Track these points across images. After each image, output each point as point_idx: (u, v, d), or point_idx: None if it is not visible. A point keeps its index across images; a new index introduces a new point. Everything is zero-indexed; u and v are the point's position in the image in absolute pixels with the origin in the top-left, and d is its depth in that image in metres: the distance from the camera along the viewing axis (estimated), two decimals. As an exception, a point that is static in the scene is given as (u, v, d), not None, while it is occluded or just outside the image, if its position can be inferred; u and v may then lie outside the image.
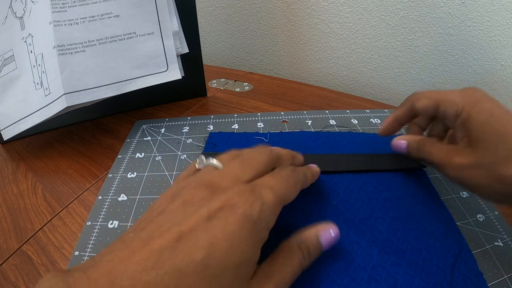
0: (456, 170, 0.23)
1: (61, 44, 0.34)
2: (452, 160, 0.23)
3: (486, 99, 0.23)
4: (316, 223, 0.22)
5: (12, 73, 0.37)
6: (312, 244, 0.20)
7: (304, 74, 0.63)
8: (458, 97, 0.24)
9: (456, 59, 0.46)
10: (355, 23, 0.52)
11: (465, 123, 0.23)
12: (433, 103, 0.25)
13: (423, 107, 0.26)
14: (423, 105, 0.26)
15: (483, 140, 0.21)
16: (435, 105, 0.25)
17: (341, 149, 0.34)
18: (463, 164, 0.22)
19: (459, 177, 0.23)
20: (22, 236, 0.28)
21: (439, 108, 0.25)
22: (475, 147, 0.22)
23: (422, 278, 0.22)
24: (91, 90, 0.35)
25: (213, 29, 0.70)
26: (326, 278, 0.22)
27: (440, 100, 0.25)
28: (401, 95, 0.54)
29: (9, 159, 0.38)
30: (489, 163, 0.21)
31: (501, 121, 0.21)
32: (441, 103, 0.25)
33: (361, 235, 0.25)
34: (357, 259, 0.23)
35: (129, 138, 0.39)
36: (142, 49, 0.37)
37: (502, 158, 0.20)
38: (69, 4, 0.35)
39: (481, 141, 0.22)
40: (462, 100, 0.23)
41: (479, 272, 0.22)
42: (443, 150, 0.24)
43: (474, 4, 0.42)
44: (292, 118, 0.42)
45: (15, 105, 0.36)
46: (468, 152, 0.22)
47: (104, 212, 0.29)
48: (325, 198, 0.28)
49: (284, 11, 0.58)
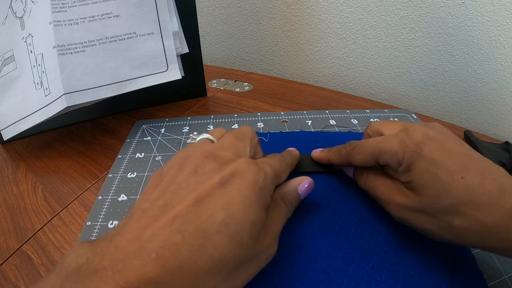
0: (398, 210, 0.22)
1: (61, 44, 0.34)
2: (394, 198, 0.22)
3: (428, 142, 0.21)
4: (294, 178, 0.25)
5: (12, 73, 0.37)
6: (293, 197, 0.23)
7: (304, 74, 0.63)
8: (396, 145, 0.22)
9: (456, 59, 0.46)
10: (355, 23, 0.52)
11: (407, 171, 0.21)
12: (371, 158, 0.24)
13: (361, 163, 0.25)
14: (361, 162, 0.25)
15: (426, 189, 0.20)
16: (374, 159, 0.23)
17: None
18: (406, 206, 0.21)
19: (403, 218, 0.22)
20: (22, 236, 0.28)
21: (379, 161, 0.23)
22: (419, 194, 0.20)
23: (422, 278, 0.22)
24: (91, 90, 0.35)
25: (213, 29, 0.70)
26: (326, 278, 0.22)
27: (378, 153, 0.23)
28: (401, 95, 0.54)
29: (9, 159, 0.38)
30: (434, 212, 0.20)
31: (445, 168, 0.19)
32: (380, 156, 0.23)
33: (361, 235, 0.25)
34: (357, 259, 0.23)
35: (129, 138, 0.39)
36: (142, 49, 0.37)
37: (448, 207, 0.19)
38: (69, 4, 0.35)
39: (424, 189, 0.20)
40: (401, 148, 0.21)
41: (479, 272, 0.22)
42: (386, 185, 0.23)
43: (474, 4, 0.42)
44: (292, 118, 0.42)
45: (15, 105, 0.36)
46: (411, 195, 0.21)
47: (104, 212, 0.29)
48: (325, 198, 0.28)
49: (284, 11, 0.58)
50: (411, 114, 0.43)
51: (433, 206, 0.20)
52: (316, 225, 0.26)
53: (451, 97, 0.49)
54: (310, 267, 0.23)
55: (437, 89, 0.50)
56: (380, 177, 0.24)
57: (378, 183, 0.24)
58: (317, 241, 0.24)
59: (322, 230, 0.25)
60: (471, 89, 0.47)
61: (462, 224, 0.18)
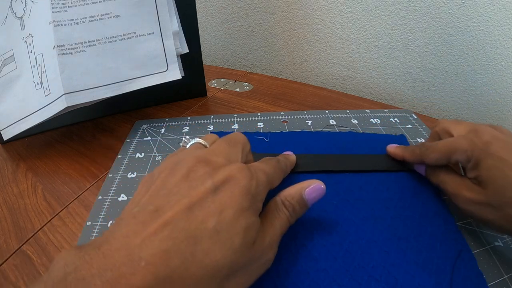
0: (465, 203, 0.24)
1: (61, 44, 0.34)
2: (462, 193, 0.24)
3: (495, 141, 0.24)
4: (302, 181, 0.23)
5: (12, 73, 0.37)
6: (297, 202, 0.22)
7: (304, 74, 0.63)
8: (466, 144, 0.24)
9: (456, 59, 0.46)
10: (355, 23, 0.52)
11: (475, 168, 0.23)
12: (443, 156, 0.26)
13: (434, 162, 0.27)
14: (433, 160, 0.27)
15: (492, 183, 0.22)
16: (446, 158, 0.26)
17: (342, 149, 0.34)
18: (472, 199, 0.23)
19: (469, 210, 0.24)
20: (22, 236, 0.28)
21: (451, 159, 0.25)
22: (485, 188, 0.22)
23: (422, 277, 0.22)
24: (91, 90, 0.35)
25: (213, 29, 0.70)
26: (326, 277, 0.22)
27: (450, 152, 0.25)
28: (401, 95, 0.54)
29: (9, 159, 0.38)
30: (498, 204, 0.22)
31: (509, 164, 0.22)
32: (451, 155, 0.25)
33: (361, 234, 0.25)
34: (357, 258, 0.23)
35: (129, 138, 0.39)
36: (142, 49, 0.37)
37: (510, 200, 0.21)
38: (69, 4, 0.35)
39: (490, 183, 0.22)
40: (471, 146, 0.24)
41: (479, 272, 0.22)
42: (456, 181, 0.25)
43: (474, 4, 0.42)
44: (292, 118, 0.42)
45: (15, 105, 0.36)
46: (478, 189, 0.23)
47: (104, 212, 0.29)
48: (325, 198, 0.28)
49: (284, 11, 0.58)
50: (411, 114, 0.43)
51: (497, 199, 0.22)
52: (317, 224, 0.26)
53: (451, 97, 0.49)
54: (310, 266, 0.23)
55: (437, 89, 0.50)
56: (450, 174, 0.26)
57: (449, 179, 0.26)
58: (318, 241, 0.24)
59: (322, 229, 0.25)
60: (471, 89, 0.47)
61: None
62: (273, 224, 0.20)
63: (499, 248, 0.24)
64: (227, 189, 0.18)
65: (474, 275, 0.22)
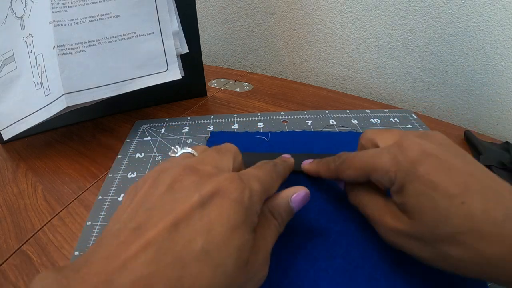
0: (388, 233, 0.20)
1: (61, 44, 0.34)
2: (385, 220, 0.20)
3: (424, 159, 0.18)
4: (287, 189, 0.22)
5: (12, 73, 0.37)
6: (285, 210, 0.21)
7: (304, 74, 0.63)
8: (388, 162, 0.19)
9: (456, 59, 0.46)
10: (355, 23, 0.52)
11: (399, 192, 0.19)
12: (361, 175, 0.21)
13: (351, 179, 0.23)
14: (350, 178, 0.22)
15: (421, 214, 0.18)
16: (364, 176, 0.21)
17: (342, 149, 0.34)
18: (397, 230, 0.19)
19: (394, 242, 0.20)
20: (22, 236, 0.28)
21: (370, 178, 0.21)
22: (412, 218, 0.18)
23: (422, 277, 0.22)
24: (91, 90, 0.35)
25: (213, 29, 0.70)
26: (326, 277, 0.22)
27: (368, 170, 0.21)
28: (401, 95, 0.54)
29: (9, 159, 0.38)
30: (429, 239, 0.17)
31: (443, 190, 0.17)
32: (370, 173, 0.21)
33: (361, 234, 0.25)
34: (357, 258, 0.23)
35: (129, 138, 0.39)
36: (142, 49, 0.37)
37: (445, 236, 0.17)
38: (69, 4, 0.35)
39: (418, 214, 0.18)
40: (394, 166, 0.19)
41: (479, 272, 0.22)
42: (378, 204, 0.21)
43: (474, 4, 0.42)
44: (292, 118, 0.42)
45: (15, 105, 0.36)
46: (404, 218, 0.19)
47: (104, 212, 0.29)
48: (326, 197, 0.28)
49: (284, 11, 0.58)
50: (411, 114, 0.43)
51: (428, 233, 0.17)
52: (317, 224, 0.26)
53: (451, 97, 0.49)
54: (310, 266, 0.23)
55: (437, 89, 0.50)
56: (372, 194, 0.22)
57: (369, 200, 0.22)
58: (318, 240, 0.24)
59: (322, 229, 0.25)
60: (471, 89, 0.47)
61: (461, 254, 0.16)
62: (265, 238, 0.19)
63: (499, 248, 0.24)
64: (216, 203, 0.16)
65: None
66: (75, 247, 0.26)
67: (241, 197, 0.17)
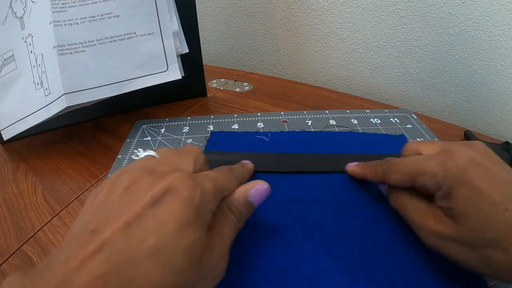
0: (432, 237, 0.20)
1: (61, 44, 0.34)
2: (429, 225, 0.20)
3: (472, 166, 0.19)
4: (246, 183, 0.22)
5: (12, 73, 0.37)
6: (244, 205, 0.21)
7: (304, 74, 0.63)
8: (437, 167, 0.20)
9: (456, 59, 0.46)
10: (355, 23, 0.52)
11: (447, 197, 0.19)
12: (408, 179, 0.22)
13: (397, 183, 0.23)
14: (397, 182, 0.23)
15: (468, 219, 0.18)
16: (411, 180, 0.22)
17: (342, 149, 0.34)
18: (441, 234, 0.19)
19: (437, 246, 0.20)
20: (22, 236, 0.28)
21: (416, 182, 0.21)
22: (459, 223, 0.19)
23: (422, 277, 0.22)
24: (91, 90, 0.35)
25: (213, 29, 0.70)
26: (326, 276, 0.22)
27: (415, 174, 0.21)
28: (401, 95, 0.54)
29: (9, 159, 0.38)
30: (473, 244, 0.18)
31: (489, 197, 0.18)
32: (417, 177, 0.21)
33: (361, 234, 0.25)
34: (357, 258, 0.23)
35: (129, 138, 0.39)
36: (142, 49, 0.37)
37: (491, 241, 0.17)
38: (69, 4, 0.35)
39: (466, 219, 0.18)
40: (442, 171, 0.20)
41: (479, 272, 0.22)
42: (421, 209, 0.21)
43: (474, 4, 0.42)
44: (292, 118, 0.42)
45: (15, 105, 0.36)
46: (449, 223, 0.19)
47: (104, 212, 0.29)
48: (326, 197, 0.28)
49: (284, 11, 0.58)
50: (411, 114, 0.43)
51: (473, 238, 0.18)
52: (317, 224, 0.26)
53: (451, 97, 0.49)
54: (310, 266, 0.23)
55: (437, 89, 0.50)
56: (414, 199, 0.22)
57: (412, 205, 0.22)
58: (318, 240, 0.24)
59: (322, 229, 0.25)
60: (471, 89, 0.47)
61: (502, 259, 0.17)
62: (222, 235, 0.19)
63: (499, 248, 0.24)
64: (167, 201, 0.16)
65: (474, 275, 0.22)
66: (75, 247, 0.26)
67: (192, 195, 0.17)
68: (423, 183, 0.21)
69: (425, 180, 0.21)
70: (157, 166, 0.19)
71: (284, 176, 0.31)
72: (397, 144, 0.35)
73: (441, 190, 0.20)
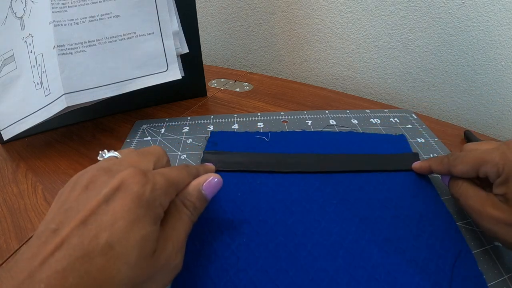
0: (490, 221, 0.22)
1: (61, 44, 0.34)
2: (487, 210, 0.22)
3: None
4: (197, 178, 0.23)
5: (12, 73, 0.37)
6: (197, 198, 0.22)
7: (304, 74, 0.63)
8: (497, 157, 0.23)
9: (456, 59, 0.46)
10: (355, 23, 0.52)
11: (505, 183, 0.22)
12: (472, 168, 0.24)
13: (462, 173, 0.25)
14: (462, 171, 0.25)
15: None
16: (475, 169, 0.24)
17: (342, 149, 0.34)
18: (498, 218, 0.21)
19: (492, 230, 0.22)
20: (22, 236, 0.28)
21: (479, 171, 0.24)
22: None
23: (422, 277, 0.22)
24: (91, 90, 0.35)
25: (213, 29, 0.70)
26: (327, 276, 0.22)
27: (480, 164, 0.24)
28: (401, 95, 0.54)
29: (9, 159, 0.38)
30: None
31: None
32: (481, 166, 0.24)
33: (361, 234, 0.25)
34: (357, 258, 0.23)
35: (129, 138, 0.39)
36: (142, 49, 0.37)
37: None
38: (69, 4, 0.35)
39: None
40: (503, 160, 0.22)
41: (479, 272, 0.22)
42: (480, 196, 0.23)
43: (474, 4, 0.42)
44: (292, 118, 0.42)
45: (15, 105, 0.36)
46: (505, 208, 0.21)
47: (104, 212, 0.29)
48: (326, 197, 0.28)
49: (284, 11, 0.58)
50: (411, 114, 0.43)
51: None
52: (317, 224, 0.26)
53: (451, 97, 0.49)
54: (310, 266, 0.23)
55: (437, 89, 0.50)
56: (474, 187, 0.24)
57: (472, 193, 0.24)
58: (318, 240, 0.24)
59: (322, 229, 0.25)
60: (471, 89, 0.47)
61: None
62: (176, 228, 0.20)
63: (499, 248, 0.24)
64: (119, 197, 0.17)
65: (474, 275, 0.22)
66: (75, 247, 0.26)
67: (142, 190, 0.18)
68: (486, 171, 0.23)
69: (488, 169, 0.23)
70: (115, 165, 0.20)
71: (284, 176, 0.31)
72: (397, 144, 0.36)
73: (500, 176, 0.22)
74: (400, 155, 0.33)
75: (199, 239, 0.25)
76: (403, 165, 0.31)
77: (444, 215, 0.27)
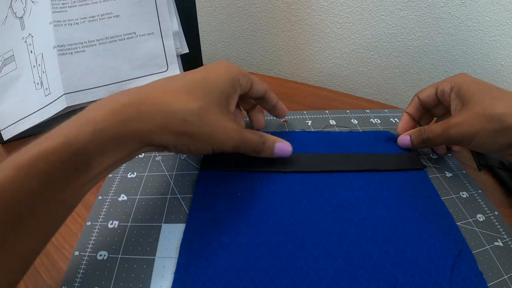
0: (456, 128, 0.28)
1: (61, 44, 0.34)
2: (450, 123, 0.28)
3: (471, 77, 0.30)
4: None
5: (12, 73, 0.37)
6: (269, 146, 0.29)
7: (304, 74, 0.63)
8: (450, 78, 0.31)
9: (456, 59, 0.46)
10: (355, 23, 0.52)
11: (458, 90, 0.29)
12: (433, 88, 0.32)
13: (426, 94, 0.32)
14: (426, 93, 0.33)
15: (473, 96, 0.27)
16: (435, 89, 0.31)
17: (342, 149, 0.34)
18: (460, 122, 0.27)
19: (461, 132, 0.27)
20: (22, 236, 0.28)
21: (438, 90, 0.31)
22: (467, 104, 0.27)
23: (422, 277, 0.22)
24: (91, 90, 0.35)
25: (213, 29, 0.70)
26: (327, 276, 0.22)
27: (438, 84, 0.31)
28: (401, 95, 0.54)
29: (9, 159, 0.38)
30: (480, 110, 0.26)
31: (484, 83, 0.29)
32: (439, 86, 0.31)
33: (361, 234, 0.25)
34: (357, 258, 0.23)
35: (129, 138, 0.39)
36: (142, 49, 0.37)
37: (489, 102, 0.26)
38: (69, 4, 0.35)
39: (471, 97, 0.27)
40: (454, 79, 0.30)
41: (479, 272, 0.22)
42: (441, 123, 0.30)
43: (474, 4, 0.42)
44: (292, 118, 0.42)
45: (15, 105, 0.37)
46: (462, 112, 0.28)
47: (104, 212, 0.29)
48: (326, 197, 0.28)
49: (284, 11, 0.58)
50: (411, 114, 0.43)
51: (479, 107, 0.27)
52: (317, 224, 0.26)
53: (451, 97, 0.49)
54: (310, 266, 0.23)
55: (437, 89, 0.50)
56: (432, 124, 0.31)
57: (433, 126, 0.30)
58: (318, 240, 0.24)
59: (322, 229, 0.25)
60: (471, 89, 0.47)
61: None
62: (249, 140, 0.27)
63: (499, 248, 0.25)
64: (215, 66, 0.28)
65: (473, 275, 0.22)
66: (75, 247, 0.26)
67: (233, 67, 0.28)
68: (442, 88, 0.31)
69: (444, 86, 0.30)
70: None
71: (284, 176, 0.31)
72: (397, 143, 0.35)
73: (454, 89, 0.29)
74: (400, 155, 0.33)
75: (199, 239, 0.25)
76: (403, 164, 0.31)
77: (444, 215, 0.27)
